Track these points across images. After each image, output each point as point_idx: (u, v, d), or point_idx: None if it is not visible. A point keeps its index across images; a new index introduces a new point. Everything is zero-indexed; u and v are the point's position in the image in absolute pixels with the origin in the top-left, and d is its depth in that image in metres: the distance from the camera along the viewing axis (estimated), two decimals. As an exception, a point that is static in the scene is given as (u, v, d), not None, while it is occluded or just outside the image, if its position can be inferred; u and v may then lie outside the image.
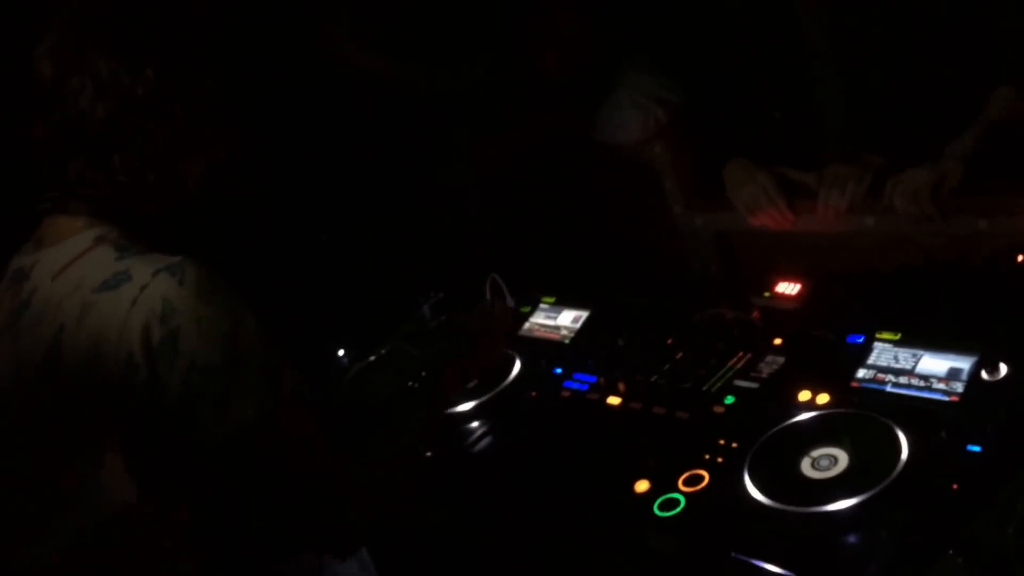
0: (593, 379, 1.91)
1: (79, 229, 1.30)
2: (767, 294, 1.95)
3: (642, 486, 1.56)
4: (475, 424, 1.91)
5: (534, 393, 1.96)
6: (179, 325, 1.20)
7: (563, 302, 2.22)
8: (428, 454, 1.51)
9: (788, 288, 1.93)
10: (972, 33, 1.93)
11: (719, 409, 1.68)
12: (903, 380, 1.57)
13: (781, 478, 1.43)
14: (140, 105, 1.27)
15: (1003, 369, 1.49)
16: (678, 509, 1.49)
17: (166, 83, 1.28)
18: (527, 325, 2.24)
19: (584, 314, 2.15)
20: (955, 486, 1.33)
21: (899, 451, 1.39)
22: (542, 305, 2.28)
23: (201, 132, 1.33)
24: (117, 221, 1.30)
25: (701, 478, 1.53)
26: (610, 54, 2.34)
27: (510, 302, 2.37)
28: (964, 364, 1.54)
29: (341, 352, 2.31)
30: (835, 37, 2.22)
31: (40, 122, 1.29)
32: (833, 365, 1.66)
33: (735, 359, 1.81)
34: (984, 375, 1.50)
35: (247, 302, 1.27)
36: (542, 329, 2.20)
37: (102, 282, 1.24)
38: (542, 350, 2.09)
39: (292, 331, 1.63)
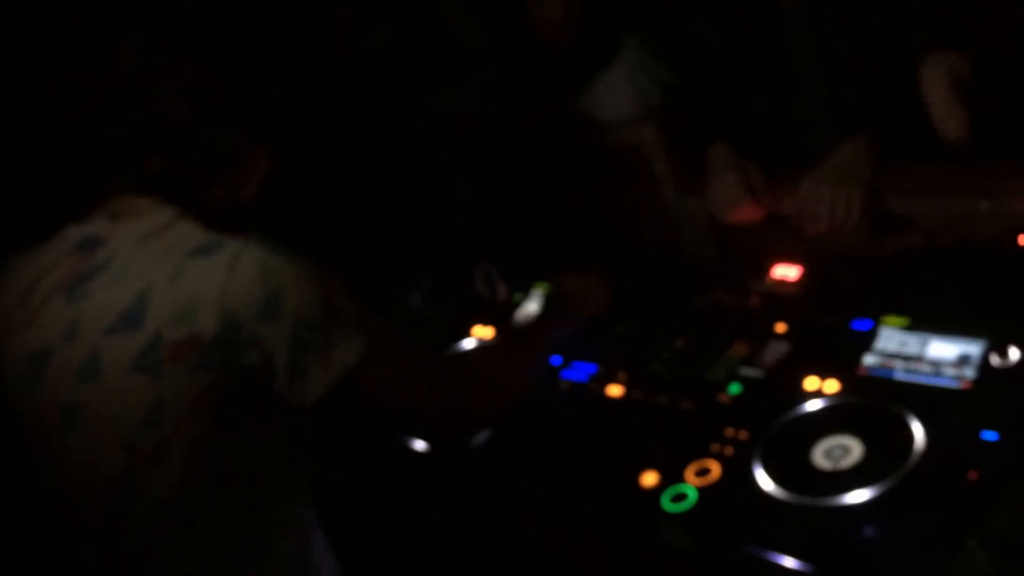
0: (593, 369, 1.88)
1: (158, 206, 1.37)
2: (766, 279, 1.92)
3: (649, 479, 1.53)
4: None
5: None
6: (279, 286, 1.30)
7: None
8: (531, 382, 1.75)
9: (787, 272, 1.91)
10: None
11: (724, 398, 1.66)
12: (912, 366, 1.55)
13: (794, 469, 1.40)
14: (222, 107, 1.36)
15: (1015, 353, 1.47)
16: (688, 502, 1.46)
17: (247, 87, 1.39)
18: (520, 313, 2.20)
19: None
20: (973, 475, 1.31)
21: (914, 440, 1.37)
22: (535, 292, 2.23)
23: (270, 135, 1.44)
24: (188, 209, 1.38)
25: (711, 470, 1.50)
26: (608, 29, 2.28)
27: (501, 290, 2.33)
28: (974, 349, 1.51)
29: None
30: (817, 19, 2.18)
31: (119, 118, 1.35)
32: (839, 351, 1.63)
33: (737, 346, 1.79)
34: (995, 360, 1.48)
35: None
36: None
37: (194, 248, 1.33)
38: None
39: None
